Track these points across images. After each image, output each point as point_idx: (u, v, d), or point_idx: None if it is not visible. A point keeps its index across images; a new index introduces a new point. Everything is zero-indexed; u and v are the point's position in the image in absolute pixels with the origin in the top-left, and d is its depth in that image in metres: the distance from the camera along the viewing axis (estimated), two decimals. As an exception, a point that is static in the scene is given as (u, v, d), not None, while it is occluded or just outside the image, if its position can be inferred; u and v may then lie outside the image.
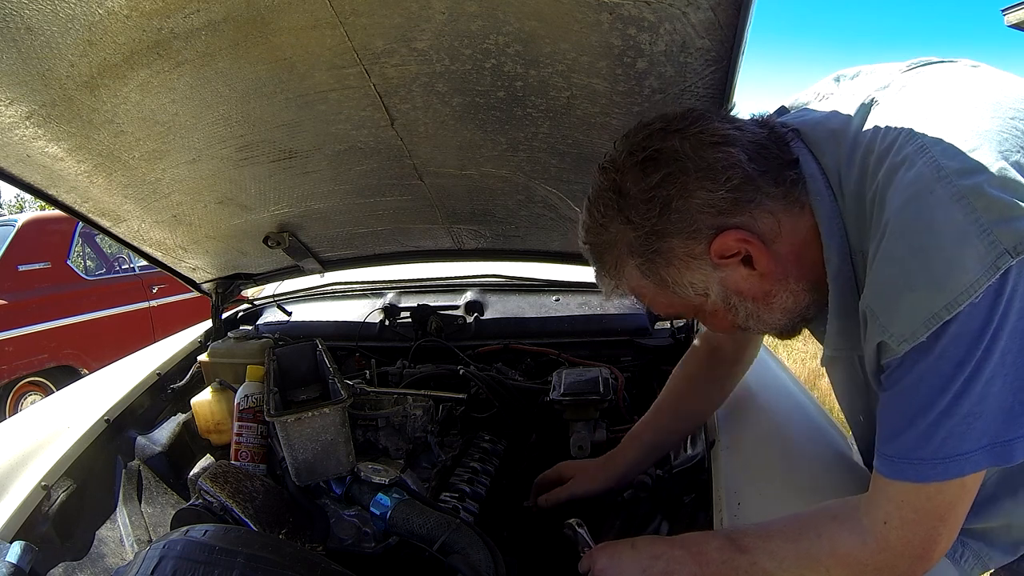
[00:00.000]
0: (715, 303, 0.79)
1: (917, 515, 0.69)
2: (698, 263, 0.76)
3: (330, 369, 1.26)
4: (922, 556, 0.70)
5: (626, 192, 0.76)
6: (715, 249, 0.74)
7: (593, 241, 0.82)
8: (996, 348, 0.61)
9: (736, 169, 0.72)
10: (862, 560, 0.72)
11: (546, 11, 0.83)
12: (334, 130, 1.16)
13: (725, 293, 0.78)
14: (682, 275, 0.77)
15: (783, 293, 0.78)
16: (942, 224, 0.61)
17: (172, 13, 0.84)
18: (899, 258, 0.65)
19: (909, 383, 0.66)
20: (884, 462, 0.71)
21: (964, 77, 0.76)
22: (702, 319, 0.86)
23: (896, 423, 0.69)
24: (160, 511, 1.25)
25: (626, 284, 0.82)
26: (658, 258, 0.76)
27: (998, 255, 0.58)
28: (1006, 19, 7.87)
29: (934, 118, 0.68)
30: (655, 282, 0.79)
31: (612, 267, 0.81)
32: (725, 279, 0.77)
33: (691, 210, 0.73)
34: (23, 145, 1.09)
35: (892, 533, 0.70)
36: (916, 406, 0.66)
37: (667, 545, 0.87)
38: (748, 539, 0.81)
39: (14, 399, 4.13)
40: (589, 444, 1.29)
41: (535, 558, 1.13)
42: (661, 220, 0.74)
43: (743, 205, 0.73)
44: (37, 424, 1.38)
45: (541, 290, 1.99)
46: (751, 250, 0.74)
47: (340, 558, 0.92)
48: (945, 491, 0.67)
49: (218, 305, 1.86)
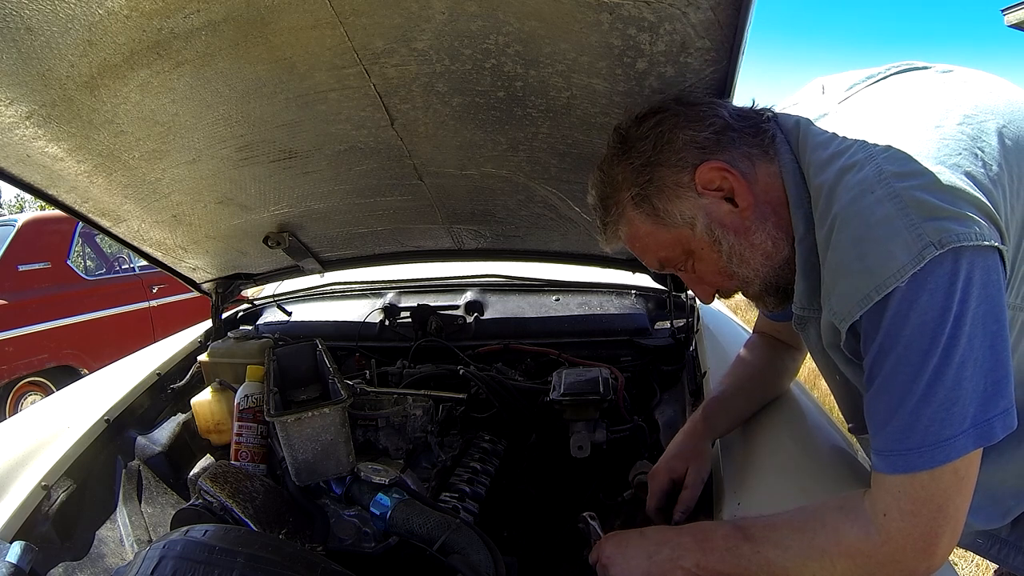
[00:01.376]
0: (701, 236, 0.86)
1: (915, 506, 0.70)
2: (685, 191, 0.84)
3: (330, 369, 1.27)
4: (925, 550, 0.70)
5: (627, 138, 0.88)
6: (699, 179, 0.83)
7: (599, 191, 0.92)
8: (961, 334, 0.66)
9: (719, 119, 0.85)
10: (866, 551, 0.73)
11: (546, 11, 0.83)
12: (334, 130, 1.16)
13: (709, 224, 0.85)
14: (671, 203, 0.85)
15: (762, 233, 0.85)
16: (878, 219, 0.69)
17: (172, 13, 0.84)
18: (842, 247, 0.73)
19: (884, 378, 0.71)
20: (878, 457, 0.73)
21: (925, 87, 0.83)
22: (692, 265, 0.90)
23: (880, 418, 0.72)
24: (160, 511, 1.25)
25: (624, 228, 0.91)
26: (650, 187, 0.85)
27: (923, 246, 0.66)
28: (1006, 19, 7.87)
29: (886, 127, 0.76)
30: (648, 214, 0.87)
31: (613, 209, 0.90)
32: (709, 209, 0.84)
33: (678, 144, 0.84)
34: (23, 145, 1.09)
35: (893, 525, 0.71)
36: (895, 398, 0.70)
37: (674, 533, 0.88)
38: (754, 528, 0.82)
39: (14, 399, 4.13)
40: (589, 444, 1.29)
41: (535, 558, 1.13)
42: (654, 152, 0.85)
43: (724, 146, 0.83)
44: (37, 424, 1.38)
45: (541, 290, 1.99)
46: (732, 181, 0.83)
47: (340, 558, 0.92)
48: (938, 478, 0.69)
49: (218, 305, 1.86)
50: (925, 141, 0.73)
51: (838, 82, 0.91)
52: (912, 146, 0.72)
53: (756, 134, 0.85)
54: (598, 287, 1.96)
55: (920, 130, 0.74)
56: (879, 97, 0.84)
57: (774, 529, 0.80)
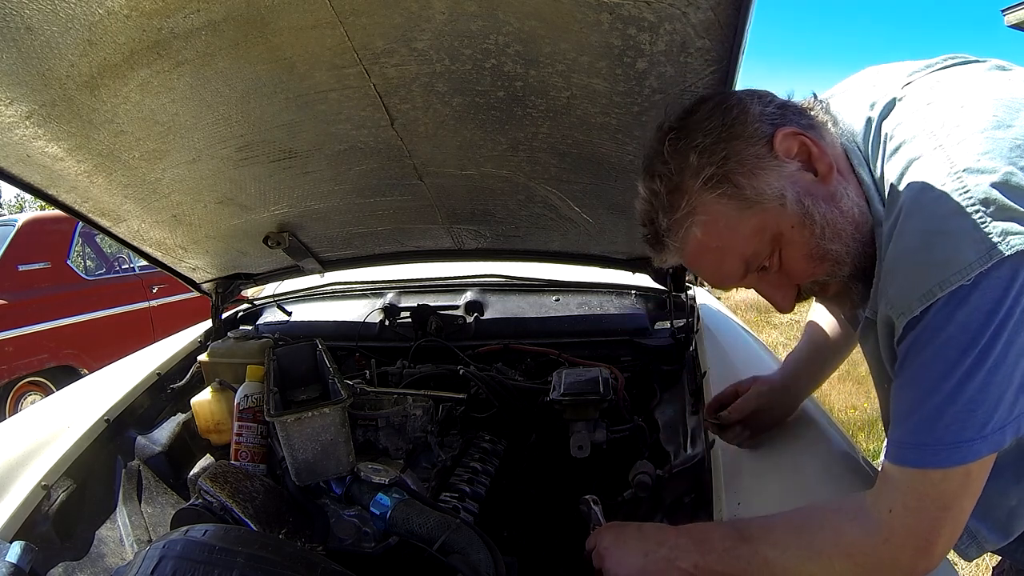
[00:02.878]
0: (792, 212, 0.77)
1: (921, 502, 0.69)
2: (767, 162, 0.76)
3: (330, 369, 1.27)
4: (924, 548, 0.70)
5: (684, 125, 0.79)
6: (779, 148, 0.77)
7: (657, 188, 0.80)
8: (1000, 338, 0.64)
9: (775, 96, 0.81)
10: (865, 551, 0.72)
11: (546, 11, 0.83)
12: (334, 130, 1.16)
13: (799, 196, 0.77)
14: (756, 178, 0.76)
15: (847, 199, 0.78)
16: (947, 212, 0.66)
17: (172, 13, 0.84)
18: (907, 237, 0.70)
19: (915, 370, 0.69)
20: (891, 448, 0.72)
21: (989, 82, 0.78)
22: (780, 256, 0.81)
23: (903, 409, 0.71)
24: (160, 511, 1.25)
25: (698, 227, 0.79)
26: (728, 163, 0.76)
27: (991, 246, 0.63)
28: (1006, 19, 7.88)
29: (953, 119, 0.72)
30: (729, 196, 0.77)
31: (682, 204, 0.79)
32: (795, 179, 0.77)
33: (749, 116, 0.77)
34: (23, 145, 1.09)
35: (896, 521, 0.70)
36: (922, 392, 0.68)
37: (672, 533, 0.87)
38: (752, 528, 0.81)
39: (14, 399, 4.13)
40: (589, 444, 1.29)
41: (535, 558, 1.13)
42: (725, 129, 0.77)
43: (789, 117, 0.79)
44: (37, 424, 1.38)
45: (541, 290, 1.99)
46: (810, 146, 0.77)
47: (340, 558, 0.92)
48: (950, 479, 0.68)
49: (218, 305, 1.86)
50: (996, 139, 0.69)
51: (893, 70, 0.86)
52: (983, 143, 0.69)
53: (808, 115, 0.81)
54: (598, 287, 1.96)
55: (990, 127, 0.71)
56: (942, 87, 0.79)
57: (772, 529, 0.80)
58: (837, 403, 3.96)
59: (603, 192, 1.33)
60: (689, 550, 0.83)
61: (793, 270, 0.81)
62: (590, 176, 1.27)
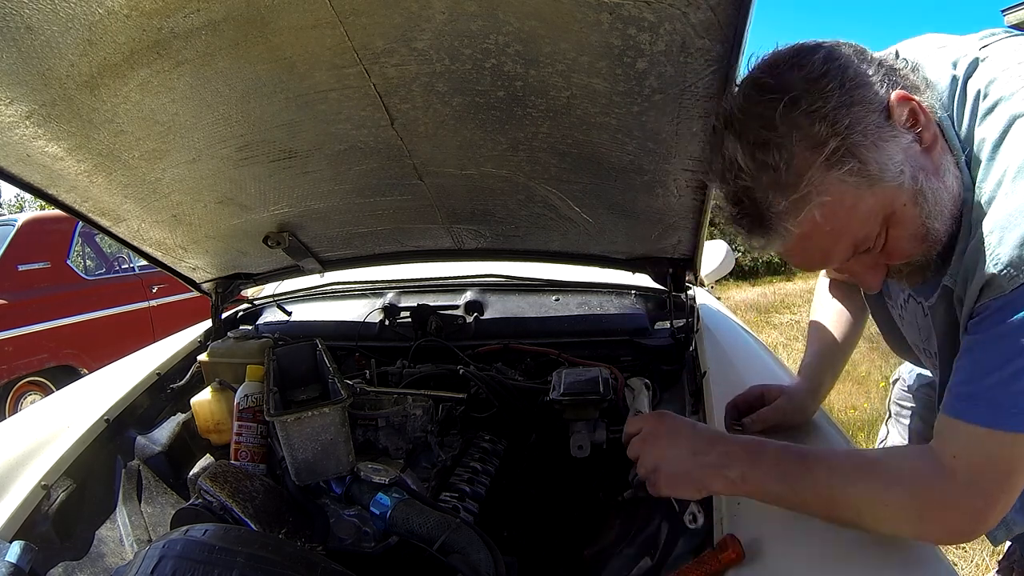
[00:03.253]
0: (909, 189, 0.70)
1: (987, 461, 0.66)
2: (887, 132, 0.68)
3: (330, 369, 1.27)
4: (981, 511, 0.67)
5: (790, 86, 0.67)
6: (894, 115, 0.68)
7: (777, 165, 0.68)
8: None
9: (869, 51, 0.72)
10: (924, 482, 0.69)
11: (546, 11, 0.83)
12: (334, 130, 1.16)
13: (913, 169, 0.69)
14: (881, 151, 0.67)
15: (949, 173, 0.72)
16: None
17: (172, 13, 0.84)
18: (1018, 198, 0.65)
19: (1006, 329, 0.65)
20: (959, 399, 0.68)
21: None
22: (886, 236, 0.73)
23: (982, 364, 0.67)
24: (160, 511, 1.25)
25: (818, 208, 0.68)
26: (853, 135, 0.66)
27: None
28: (1006, 19, 7.89)
29: None
30: (856, 174, 0.67)
31: (802, 185, 0.68)
32: (910, 151, 0.70)
33: (862, 78, 0.67)
34: (23, 145, 1.09)
35: (960, 466, 0.67)
36: (1007, 352, 0.64)
37: (728, 440, 0.84)
38: (806, 450, 0.79)
39: (14, 399, 4.13)
40: (589, 444, 1.29)
41: (535, 558, 1.13)
42: (845, 92, 0.66)
43: (895, 79, 0.71)
44: (37, 424, 1.38)
45: (541, 290, 1.99)
46: (920, 113, 0.70)
47: (340, 558, 0.92)
48: (1017, 444, 0.65)
49: (218, 305, 1.86)
50: None
51: (955, 38, 0.81)
52: None
53: (908, 76, 0.74)
54: (598, 287, 1.96)
55: None
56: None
57: (830, 454, 0.78)
58: (837, 403, 3.96)
59: (603, 192, 1.33)
60: (741, 459, 0.79)
61: (894, 250, 0.74)
62: (590, 176, 1.27)
